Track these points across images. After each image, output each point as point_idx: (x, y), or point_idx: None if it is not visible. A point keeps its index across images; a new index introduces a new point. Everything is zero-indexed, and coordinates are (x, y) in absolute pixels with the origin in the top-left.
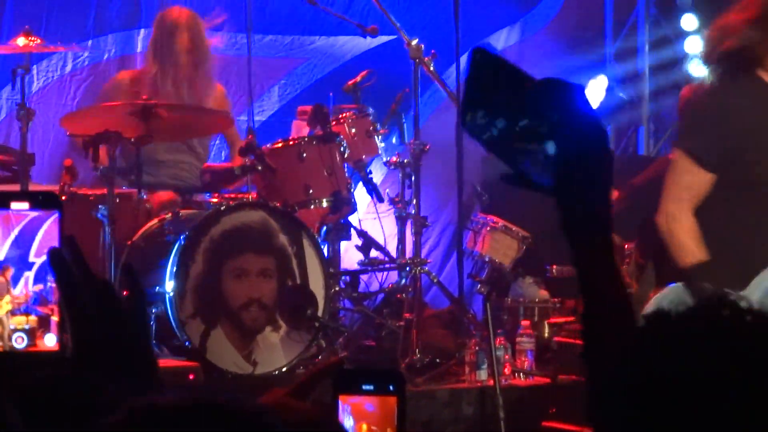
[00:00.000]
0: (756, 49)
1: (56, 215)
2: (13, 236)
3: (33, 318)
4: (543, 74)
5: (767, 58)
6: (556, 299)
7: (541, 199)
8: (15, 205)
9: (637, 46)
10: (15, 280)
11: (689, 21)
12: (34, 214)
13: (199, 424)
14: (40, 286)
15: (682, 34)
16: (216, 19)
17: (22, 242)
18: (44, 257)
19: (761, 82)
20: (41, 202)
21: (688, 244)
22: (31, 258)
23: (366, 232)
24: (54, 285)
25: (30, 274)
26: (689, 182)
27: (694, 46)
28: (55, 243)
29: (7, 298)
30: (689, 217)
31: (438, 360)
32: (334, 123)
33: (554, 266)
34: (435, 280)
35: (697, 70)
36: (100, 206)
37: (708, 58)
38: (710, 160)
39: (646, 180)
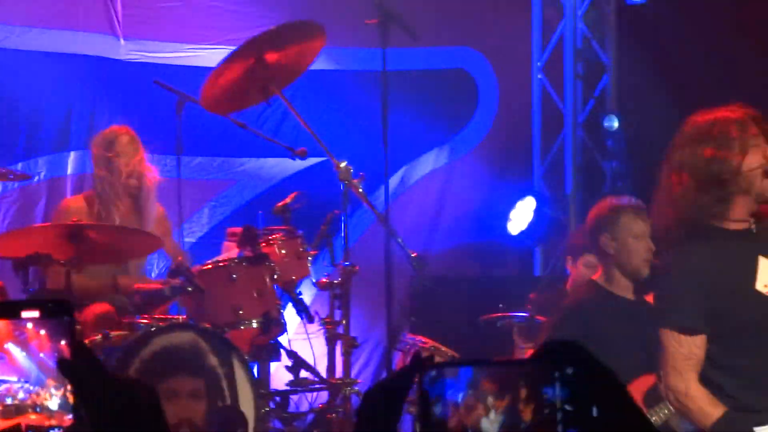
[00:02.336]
0: (711, 208)
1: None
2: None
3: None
4: (471, 196)
5: (721, 212)
6: None
7: (468, 320)
8: (25, 314)
9: (564, 167)
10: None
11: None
12: (43, 332)
13: None
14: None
15: (609, 156)
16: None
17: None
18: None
19: (719, 231)
20: (51, 310)
21: (705, 410)
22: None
23: (296, 353)
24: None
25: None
26: (687, 353)
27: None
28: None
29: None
30: (697, 386)
31: None
32: (263, 244)
33: None
34: None
35: None
36: None
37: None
38: (698, 325)
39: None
